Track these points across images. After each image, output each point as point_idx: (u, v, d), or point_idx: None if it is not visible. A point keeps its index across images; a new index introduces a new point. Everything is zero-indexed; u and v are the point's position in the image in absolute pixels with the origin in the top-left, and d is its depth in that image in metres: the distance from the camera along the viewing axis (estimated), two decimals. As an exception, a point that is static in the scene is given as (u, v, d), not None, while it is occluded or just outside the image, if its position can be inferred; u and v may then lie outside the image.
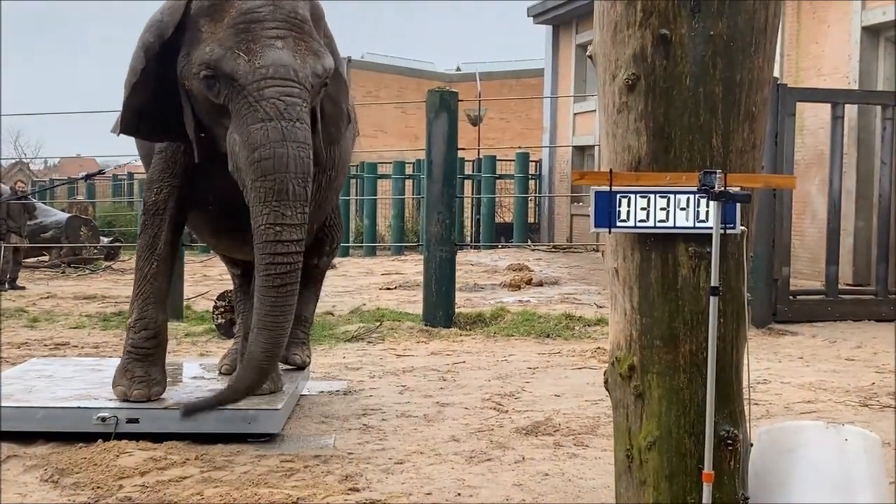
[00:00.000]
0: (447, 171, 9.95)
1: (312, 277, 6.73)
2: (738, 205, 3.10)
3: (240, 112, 4.64)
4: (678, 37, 3.06)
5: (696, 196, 3.11)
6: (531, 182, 23.48)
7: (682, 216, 3.15)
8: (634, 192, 3.17)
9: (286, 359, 6.12)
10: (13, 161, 45.36)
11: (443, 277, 9.85)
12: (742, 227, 3.16)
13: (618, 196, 3.18)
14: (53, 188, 20.83)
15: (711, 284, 3.07)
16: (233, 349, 6.26)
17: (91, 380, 5.77)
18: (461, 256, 15.29)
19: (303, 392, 6.33)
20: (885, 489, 3.31)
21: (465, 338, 9.12)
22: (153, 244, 5.30)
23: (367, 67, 30.23)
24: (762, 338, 9.17)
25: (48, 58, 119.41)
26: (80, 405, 5.19)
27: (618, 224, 3.20)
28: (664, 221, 3.15)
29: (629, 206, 3.18)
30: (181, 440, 4.98)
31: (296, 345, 6.34)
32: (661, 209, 3.15)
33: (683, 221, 3.15)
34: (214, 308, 8.90)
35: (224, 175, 4.83)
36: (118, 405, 5.17)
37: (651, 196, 3.15)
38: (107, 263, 17.88)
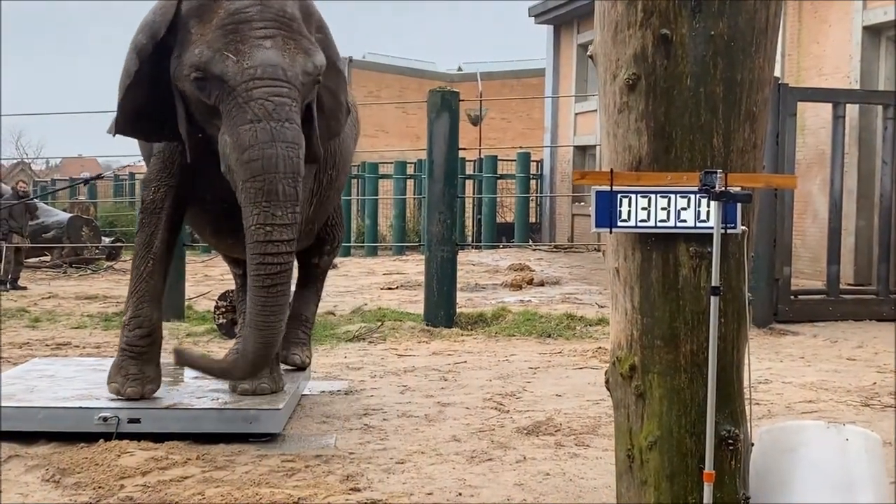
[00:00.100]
0: (448, 171, 9.95)
1: (313, 276, 6.74)
2: (739, 205, 3.10)
3: (230, 113, 4.66)
4: (679, 37, 3.06)
5: (697, 196, 3.11)
6: (532, 182, 23.48)
7: (683, 216, 3.15)
8: (635, 192, 3.17)
9: (286, 359, 6.12)
10: (15, 161, 45.41)
11: (444, 277, 9.85)
12: (743, 227, 3.16)
13: (619, 196, 3.18)
14: (55, 192, 20.81)
15: (712, 284, 3.07)
16: (234, 349, 6.25)
17: (92, 380, 5.77)
18: (462, 256, 15.29)
19: (304, 392, 6.34)
20: (886, 489, 3.32)
21: (467, 338, 9.12)
22: (149, 243, 5.32)
23: (369, 67, 30.24)
24: (763, 337, 9.17)
25: (48, 58, 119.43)
26: (82, 405, 5.19)
27: (619, 224, 3.20)
28: (665, 221, 3.15)
29: (630, 206, 3.18)
30: (182, 440, 4.99)
31: (296, 345, 6.34)
32: (662, 209, 3.15)
33: (684, 221, 3.15)
34: (216, 308, 8.91)
35: (223, 175, 4.84)
36: (119, 405, 5.18)
37: (652, 196, 3.15)
38: (108, 263, 17.90)
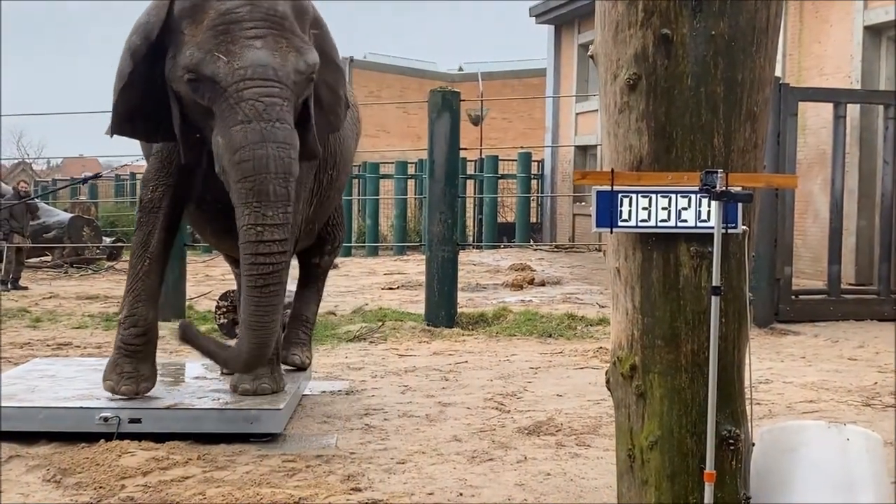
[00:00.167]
0: (449, 171, 9.95)
1: (314, 276, 6.74)
2: (740, 204, 3.10)
3: (222, 114, 4.66)
4: (679, 36, 3.06)
5: (698, 196, 3.11)
6: (533, 182, 23.48)
7: (684, 216, 3.15)
8: (636, 192, 3.17)
9: (285, 359, 6.12)
10: (16, 161, 45.42)
11: (445, 277, 9.85)
12: (744, 227, 3.16)
13: (619, 196, 3.18)
14: (55, 191, 20.81)
15: (713, 284, 3.07)
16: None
17: (93, 380, 5.76)
18: (463, 256, 15.29)
19: (305, 392, 6.33)
20: (887, 489, 3.31)
21: (468, 338, 9.12)
22: (146, 242, 5.34)
23: (370, 67, 30.25)
24: (764, 337, 9.17)
25: (48, 58, 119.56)
26: (83, 405, 5.20)
27: (619, 224, 3.20)
28: (666, 221, 3.15)
29: (631, 206, 3.18)
30: (183, 440, 4.99)
31: (296, 345, 6.34)
32: (663, 209, 3.15)
33: (685, 221, 3.15)
34: (217, 308, 8.89)
35: None
36: (120, 405, 5.18)
37: (653, 196, 3.15)
38: (109, 263, 17.89)
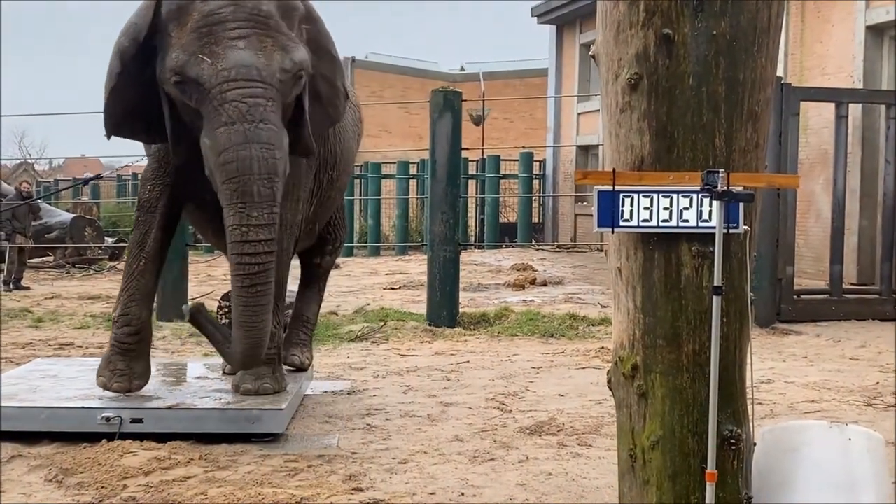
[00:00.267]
0: (451, 171, 9.95)
1: (315, 276, 6.75)
2: (742, 204, 3.10)
3: (208, 116, 4.68)
4: (681, 36, 3.06)
5: (699, 195, 3.11)
6: (535, 182, 23.47)
7: (686, 216, 3.15)
8: (637, 192, 3.17)
9: (285, 359, 6.12)
10: (18, 161, 45.44)
11: (447, 277, 9.85)
12: (745, 227, 3.16)
13: (621, 195, 3.18)
14: (57, 192, 20.81)
15: (714, 284, 3.07)
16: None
17: (95, 380, 5.76)
18: (465, 256, 15.26)
19: (307, 392, 6.33)
20: (889, 489, 3.31)
21: (469, 338, 9.12)
22: (143, 241, 5.36)
23: (371, 67, 30.24)
24: (766, 337, 9.16)
25: (48, 58, 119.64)
26: (85, 405, 5.20)
27: (621, 224, 3.20)
28: (667, 221, 3.15)
29: (632, 206, 3.18)
30: (185, 440, 4.99)
31: (296, 345, 6.34)
32: (664, 209, 3.15)
33: (686, 221, 3.15)
34: (219, 308, 8.90)
35: None
36: (122, 405, 5.19)
37: (654, 195, 3.15)
38: (111, 264, 17.90)
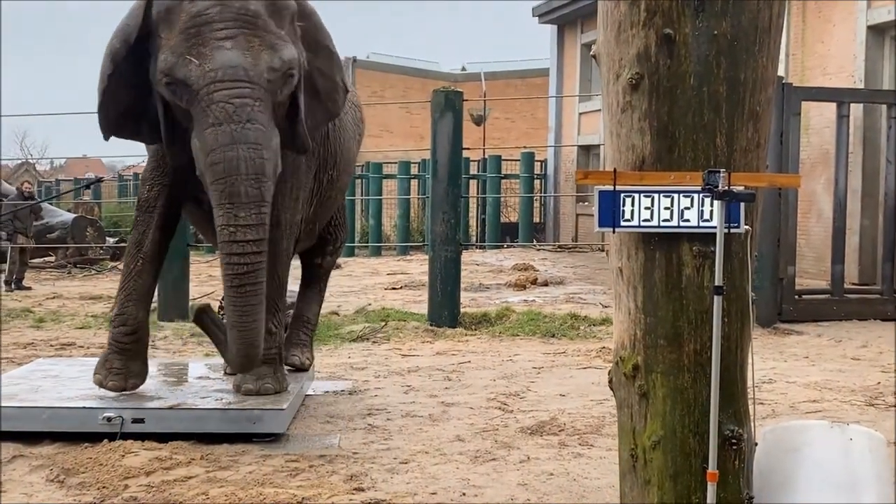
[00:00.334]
0: (452, 171, 9.95)
1: (316, 277, 6.75)
2: (743, 204, 3.10)
3: (197, 117, 4.70)
4: (682, 36, 3.06)
5: (700, 195, 3.11)
6: (536, 182, 23.47)
7: (687, 215, 3.15)
8: (638, 192, 3.17)
9: (285, 359, 6.12)
10: (20, 161, 45.45)
11: (448, 277, 9.85)
12: (746, 227, 3.16)
13: (622, 195, 3.18)
14: (58, 196, 20.82)
15: (715, 284, 3.07)
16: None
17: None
18: (466, 256, 15.25)
19: (308, 392, 6.34)
20: (890, 489, 3.30)
21: (471, 338, 9.12)
22: (140, 241, 5.38)
23: (372, 67, 30.25)
24: (767, 337, 9.16)
25: (48, 58, 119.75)
26: (86, 405, 5.20)
27: (622, 223, 3.20)
28: (668, 221, 3.15)
29: (633, 206, 3.17)
30: (186, 440, 4.99)
31: (296, 346, 6.34)
32: (665, 208, 3.15)
33: (687, 221, 3.15)
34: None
35: None
36: (124, 405, 5.19)
37: (655, 195, 3.15)
38: (112, 264, 17.90)
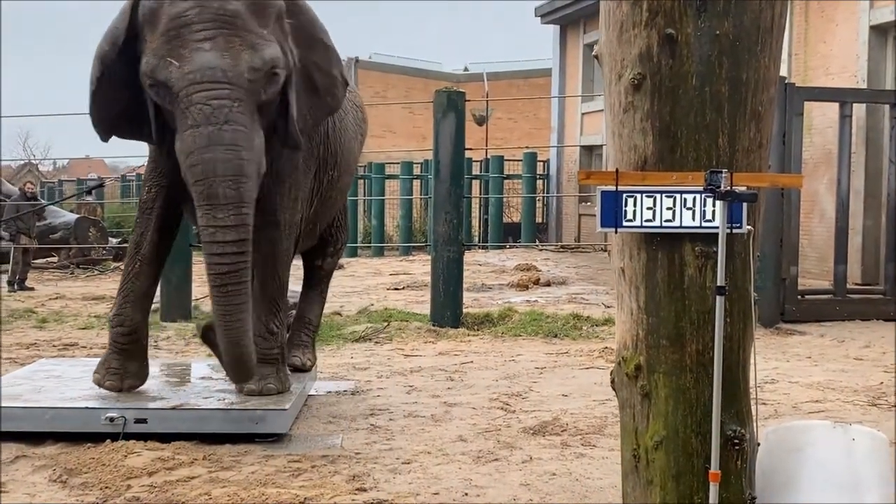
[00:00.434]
0: (455, 171, 9.96)
1: (317, 278, 6.75)
2: (745, 204, 3.10)
3: (178, 119, 4.72)
4: (684, 36, 3.06)
5: (703, 195, 3.11)
6: (539, 182, 23.48)
7: (689, 216, 3.15)
8: (640, 192, 3.16)
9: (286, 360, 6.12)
10: (22, 162, 45.48)
11: (450, 277, 9.86)
12: (749, 227, 3.16)
13: (624, 196, 3.18)
14: (61, 201, 20.81)
15: (718, 284, 3.07)
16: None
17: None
18: (469, 256, 15.28)
19: (310, 392, 6.34)
20: (893, 489, 3.30)
21: (473, 338, 9.12)
22: (139, 243, 5.40)
23: (375, 68, 30.27)
24: (770, 337, 9.15)
25: (48, 58, 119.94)
26: (89, 405, 5.21)
27: (624, 224, 3.19)
28: (670, 221, 3.15)
29: (635, 206, 3.17)
30: (189, 440, 5.00)
31: (298, 347, 6.34)
32: (668, 209, 3.15)
33: (690, 221, 3.14)
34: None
35: None
36: (126, 406, 5.20)
37: (657, 195, 3.15)
38: (115, 264, 17.91)
